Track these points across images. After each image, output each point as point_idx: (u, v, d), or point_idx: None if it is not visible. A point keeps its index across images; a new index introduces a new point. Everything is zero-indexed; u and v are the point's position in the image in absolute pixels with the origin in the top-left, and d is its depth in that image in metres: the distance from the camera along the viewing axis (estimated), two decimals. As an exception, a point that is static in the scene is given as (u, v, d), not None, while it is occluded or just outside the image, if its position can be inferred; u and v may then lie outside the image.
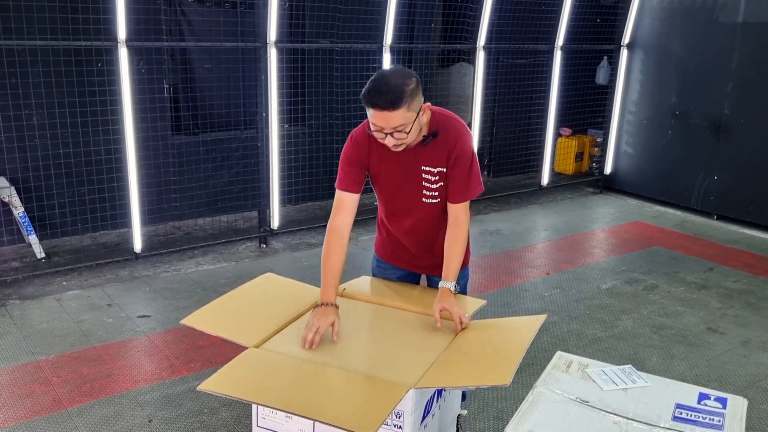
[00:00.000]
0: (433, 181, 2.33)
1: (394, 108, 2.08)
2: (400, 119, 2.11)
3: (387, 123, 2.12)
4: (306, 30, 5.85)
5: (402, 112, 2.10)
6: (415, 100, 2.13)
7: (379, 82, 2.10)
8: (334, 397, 1.79)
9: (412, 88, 2.11)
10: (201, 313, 2.24)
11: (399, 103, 2.08)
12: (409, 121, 2.14)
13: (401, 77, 2.11)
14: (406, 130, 2.14)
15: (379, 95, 2.08)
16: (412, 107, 2.12)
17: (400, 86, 2.08)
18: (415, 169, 2.33)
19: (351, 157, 2.38)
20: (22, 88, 4.63)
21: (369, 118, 2.16)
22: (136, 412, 3.05)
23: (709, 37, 6.36)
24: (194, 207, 5.64)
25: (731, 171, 6.33)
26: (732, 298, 4.58)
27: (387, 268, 2.65)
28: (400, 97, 2.07)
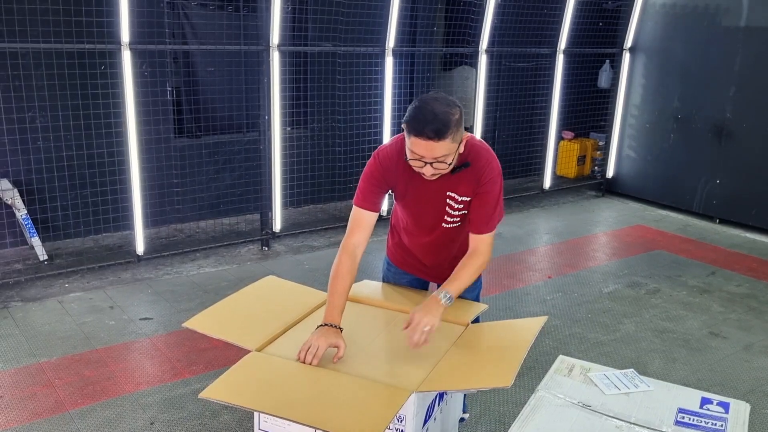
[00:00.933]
0: (456, 208, 2.29)
1: (440, 138, 2.01)
2: (444, 150, 2.04)
3: (429, 153, 2.04)
4: (308, 33, 5.86)
5: (447, 143, 2.03)
6: (459, 130, 2.08)
7: (425, 110, 2.02)
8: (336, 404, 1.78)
9: (456, 118, 2.05)
10: (203, 316, 2.24)
11: (445, 134, 2.00)
12: (452, 152, 2.08)
13: (447, 106, 2.04)
14: (447, 161, 2.08)
15: (426, 123, 1.99)
16: (456, 138, 2.06)
17: (446, 115, 2.01)
18: (440, 194, 2.28)
19: (375, 177, 2.28)
20: (26, 91, 4.64)
21: (409, 145, 2.08)
22: (137, 415, 3.05)
23: (712, 41, 6.36)
24: (196, 209, 5.65)
25: (734, 175, 6.32)
26: (734, 303, 4.58)
27: (397, 273, 2.65)
28: (447, 127, 2.00)
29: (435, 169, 2.10)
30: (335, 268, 2.23)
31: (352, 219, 2.33)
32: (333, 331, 2.06)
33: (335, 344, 2.03)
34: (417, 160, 2.09)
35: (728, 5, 6.20)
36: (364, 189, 2.30)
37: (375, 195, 2.30)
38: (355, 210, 2.32)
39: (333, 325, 2.09)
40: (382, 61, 5.74)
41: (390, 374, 1.92)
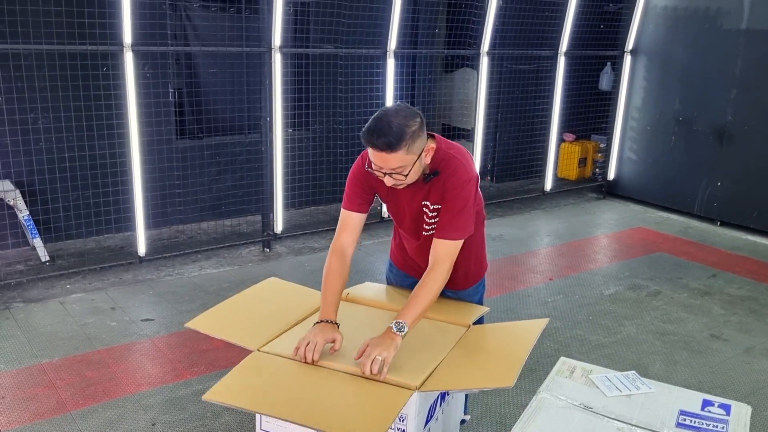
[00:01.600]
0: (431, 216, 2.27)
1: (392, 150, 2.01)
2: (398, 162, 2.04)
3: (385, 164, 2.06)
4: (310, 35, 5.87)
5: (400, 154, 2.02)
6: (416, 142, 2.05)
7: (381, 121, 2.02)
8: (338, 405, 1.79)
9: (414, 129, 2.03)
10: (205, 316, 2.25)
11: (398, 146, 2.00)
12: (408, 164, 2.06)
13: (404, 117, 2.03)
14: (404, 172, 2.08)
15: (378, 136, 2.00)
16: (412, 150, 2.05)
17: (401, 127, 2.01)
18: (416, 203, 2.28)
19: (359, 179, 2.31)
20: (28, 92, 4.65)
21: (370, 155, 2.10)
22: (139, 416, 3.05)
23: (713, 43, 6.37)
24: (198, 211, 5.66)
25: (735, 177, 6.32)
26: (735, 305, 4.58)
27: (399, 275, 2.65)
28: (400, 140, 2.00)
29: (394, 179, 2.11)
30: (326, 269, 2.26)
31: (340, 221, 2.36)
32: (329, 327, 2.08)
33: (332, 338, 2.04)
34: (377, 170, 2.12)
35: (729, 8, 6.21)
36: (349, 191, 2.33)
37: (359, 196, 2.31)
38: (342, 212, 2.36)
39: (329, 321, 2.11)
40: (383, 63, 5.75)
41: (391, 371, 1.92)
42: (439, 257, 2.19)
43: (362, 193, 2.31)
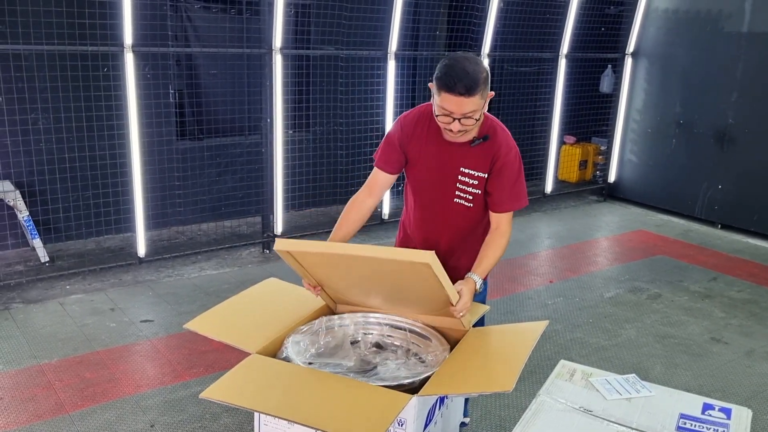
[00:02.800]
0: (470, 184, 2.29)
1: (471, 94, 2.06)
2: (473, 106, 2.09)
3: (459, 108, 2.09)
4: (311, 36, 5.87)
5: (476, 99, 2.08)
6: (486, 88, 2.12)
7: (455, 67, 2.07)
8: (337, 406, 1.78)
9: (484, 76, 2.10)
10: (204, 317, 2.24)
11: (475, 90, 2.06)
12: (479, 109, 2.13)
13: (476, 64, 2.10)
14: (475, 116, 2.13)
15: (457, 80, 2.05)
16: (484, 96, 2.12)
17: (476, 72, 2.07)
18: (452, 168, 2.30)
19: (392, 138, 2.37)
20: (29, 93, 4.65)
21: (438, 101, 2.12)
22: (138, 417, 3.04)
23: (714, 46, 6.37)
24: (198, 212, 5.66)
25: (735, 180, 6.32)
26: (736, 308, 4.57)
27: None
28: (477, 84, 2.06)
29: (463, 125, 2.13)
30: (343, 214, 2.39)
31: (369, 177, 2.42)
32: None
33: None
34: (446, 116, 2.13)
35: (730, 11, 6.20)
36: (381, 148, 2.39)
37: (389, 155, 2.36)
38: (373, 170, 2.41)
39: None
40: (384, 64, 5.75)
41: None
42: (501, 225, 2.30)
43: (392, 152, 2.35)
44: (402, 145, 2.34)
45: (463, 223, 2.38)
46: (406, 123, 2.34)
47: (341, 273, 2.18)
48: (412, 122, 2.33)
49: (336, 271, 2.18)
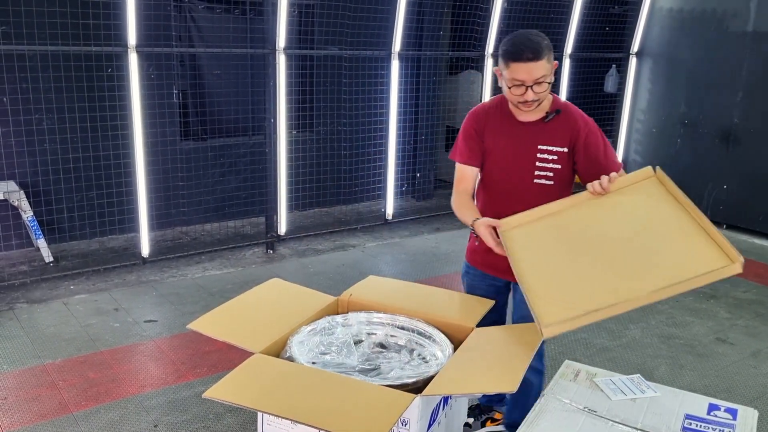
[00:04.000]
0: (549, 161, 2.34)
1: (537, 58, 2.16)
2: (542, 70, 2.18)
3: (529, 75, 2.18)
4: (315, 37, 5.87)
5: (543, 63, 2.17)
6: (551, 54, 2.22)
7: (519, 38, 2.20)
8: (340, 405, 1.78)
9: (546, 43, 2.20)
10: (207, 317, 2.23)
11: (541, 53, 2.16)
12: (549, 73, 2.21)
13: (536, 34, 2.21)
14: (547, 80, 2.21)
15: (523, 47, 2.16)
16: (550, 59, 2.21)
17: (539, 39, 2.19)
18: (529, 147, 2.35)
19: (468, 130, 2.44)
20: (33, 93, 4.66)
21: (508, 75, 2.23)
22: (141, 417, 3.04)
23: (719, 45, 6.34)
24: (202, 212, 5.66)
25: (741, 181, 6.29)
26: (741, 309, 4.55)
27: (476, 276, 2.62)
28: (541, 49, 2.17)
29: (536, 93, 2.21)
30: (458, 202, 2.43)
31: (457, 174, 2.48)
32: (483, 220, 2.25)
33: (491, 224, 2.22)
34: (518, 86, 2.22)
35: (735, 10, 6.18)
36: (460, 144, 2.46)
37: (471, 148, 2.43)
38: (457, 166, 2.48)
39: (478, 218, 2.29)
40: (388, 64, 5.75)
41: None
42: None
43: (474, 145, 2.42)
44: (477, 131, 2.42)
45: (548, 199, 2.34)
46: (479, 113, 2.45)
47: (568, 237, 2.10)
48: (483, 112, 2.44)
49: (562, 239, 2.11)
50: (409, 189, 6.90)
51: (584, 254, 2.01)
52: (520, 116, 2.38)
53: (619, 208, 2.12)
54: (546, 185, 2.36)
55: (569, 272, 1.98)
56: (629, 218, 2.09)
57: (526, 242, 2.14)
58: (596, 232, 2.07)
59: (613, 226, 2.08)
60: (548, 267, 2.03)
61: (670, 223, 2.01)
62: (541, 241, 2.13)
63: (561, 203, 2.23)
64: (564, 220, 2.18)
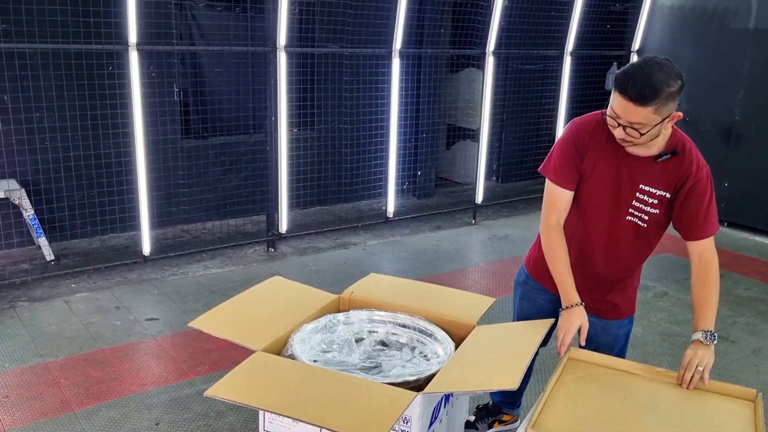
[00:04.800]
0: (648, 203, 2.08)
1: (642, 104, 1.87)
2: (641, 118, 1.90)
3: (625, 114, 1.91)
4: (315, 34, 5.87)
5: (647, 111, 1.88)
6: (669, 104, 1.91)
7: (641, 70, 1.88)
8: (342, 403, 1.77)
9: (672, 91, 1.89)
10: (209, 316, 2.23)
11: (649, 101, 1.86)
12: (650, 124, 1.92)
13: (666, 74, 1.88)
14: (642, 131, 1.92)
15: (633, 85, 1.86)
16: (661, 111, 1.90)
17: (660, 84, 1.86)
18: (632, 184, 2.08)
19: (568, 145, 2.12)
20: (33, 91, 4.66)
21: (611, 101, 1.95)
22: (143, 415, 3.05)
23: (720, 43, 6.33)
24: (203, 210, 5.66)
25: (742, 178, 6.28)
26: (743, 306, 4.54)
27: (535, 289, 2.43)
28: (654, 96, 1.86)
29: (627, 134, 1.94)
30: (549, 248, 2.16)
31: (548, 197, 2.19)
32: (578, 311, 2.08)
33: (579, 325, 2.07)
34: (611, 118, 1.96)
35: (737, 7, 6.17)
36: (557, 160, 2.15)
37: (568, 166, 2.12)
38: (550, 187, 2.17)
39: (576, 304, 2.10)
40: (388, 62, 5.74)
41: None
42: (704, 254, 2.12)
43: (571, 162, 2.12)
44: (578, 149, 2.11)
45: (631, 243, 2.16)
46: (582, 126, 2.13)
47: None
48: (589, 128, 2.12)
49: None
50: (410, 187, 6.89)
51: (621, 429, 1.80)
52: (630, 148, 2.06)
53: (690, 408, 1.91)
54: (638, 224, 2.12)
55: None
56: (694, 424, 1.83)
57: (579, 382, 1.98)
58: (652, 418, 1.84)
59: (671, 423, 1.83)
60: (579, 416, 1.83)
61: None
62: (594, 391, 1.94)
63: (645, 369, 2.06)
64: (631, 387, 1.97)
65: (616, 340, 2.20)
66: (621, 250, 2.18)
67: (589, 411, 1.82)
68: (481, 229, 6.02)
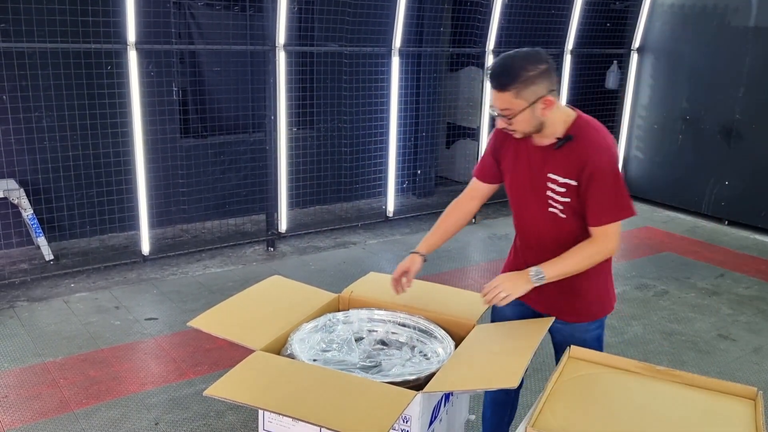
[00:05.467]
0: (559, 193, 2.08)
1: (501, 89, 1.98)
2: (504, 103, 1.99)
3: (495, 102, 2.03)
4: (315, 33, 5.86)
5: (508, 96, 1.97)
6: (529, 87, 1.96)
7: (502, 60, 2.01)
8: (341, 402, 1.77)
9: (531, 74, 1.95)
10: (208, 315, 2.23)
11: (506, 86, 1.96)
12: (516, 108, 1.98)
13: (527, 60, 1.98)
14: (509, 116, 2.01)
15: (493, 72, 2.00)
16: (522, 95, 1.97)
17: (517, 69, 1.96)
18: (542, 174, 2.12)
19: (489, 144, 2.30)
20: (32, 91, 4.65)
21: None
22: (142, 415, 3.04)
23: (721, 41, 6.32)
24: (202, 210, 5.65)
25: (742, 176, 6.28)
26: (743, 305, 4.54)
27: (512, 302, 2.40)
28: (510, 81, 1.96)
29: (505, 123, 2.06)
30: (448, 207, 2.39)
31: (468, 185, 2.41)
32: (414, 257, 2.27)
33: (406, 267, 2.23)
34: (491, 108, 2.08)
35: (737, 5, 6.16)
36: (481, 157, 2.35)
37: (486, 163, 2.30)
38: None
39: (416, 252, 2.28)
40: (388, 61, 5.73)
41: None
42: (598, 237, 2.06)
43: (490, 159, 2.28)
44: (495, 152, 2.25)
45: (556, 234, 2.16)
46: (499, 129, 2.21)
47: None
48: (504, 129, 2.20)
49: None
50: (409, 186, 6.89)
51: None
52: (535, 139, 2.13)
53: (690, 407, 1.86)
54: (559, 216, 2.12)
55: None
56: (694, 423, 1.80)
57: (580, 381, 1.95)
58: (652, 416, 1.80)
59: (671, 421, 1.80)
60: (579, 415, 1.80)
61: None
62: (594, 390, 1.92)
63: (646, 368, 2.00)
64: (632, 385, 1.94)
65: (584, 345, 2.17)
66: (548, 242, 2.18)
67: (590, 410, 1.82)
68: (481, 228, 6.01)
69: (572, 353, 2.08)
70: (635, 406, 1.85)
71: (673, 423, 1.78)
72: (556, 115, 2.06)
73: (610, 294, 2.30)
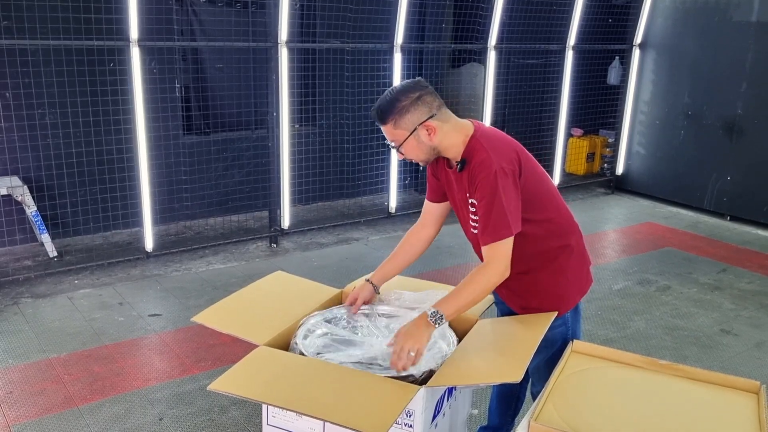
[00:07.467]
0: (473, 212, 2.09)
1: (381, 122, 2.05)
2: (389, 135, 2.07)
3: (386, 135, 2.10)
4: (317, 30, 5.86)
5: (389, 128, 2.04)
6: (405, 117, 2.00)
7: (384, 94, 2.06)
8: (345, 397, 1.78)
9: (404, 104, 1.99)
10: (212, 310, 2.24)
11: (384, 118, 2.03)
12: (400, 138, 2.04)
13: (400, 92, 2.02)
14: (396, 146, 2.08)
15: (374, 109, 2.07)
16: (400, 125, 2.01)
17: (392, 102, 2.01)
18: (461, 195, 2.14)
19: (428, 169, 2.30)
20: (35, 88, 4.66)
21: None
22: (146, 410, 3.05)
23: (723, 36, 6.31)
24: (205, 206, 5.66)
25: (745, 172, 6.27)
26: (745, 300, 4.54)
27: (496, 301, 2.44)
28: (385, 113, 2.02)
29: (399, 154, 2.12)
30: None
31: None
32: (364, 285, 2.31)
33: (356, 295, 2.27)
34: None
35: (739, 0, 6.15)
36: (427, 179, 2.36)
37: (431, 184, 2.33)
38: None
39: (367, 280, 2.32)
40: (390, 57, 5.73)
41: None
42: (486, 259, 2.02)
43: (432, 181, 2.32)
44: (434, 172, 2.27)
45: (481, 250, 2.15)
46: None
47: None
48: None
49: None
50: (411, 182, 6.89)
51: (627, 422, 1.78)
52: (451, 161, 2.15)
53: (693, 401, 1.88)
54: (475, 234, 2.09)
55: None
56: (697, 416, 1.81)
57: (582, 375, 1.98)
58: (655, 410, 1.82)
59: (674, 415, 1.81)
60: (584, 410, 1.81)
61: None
62: (597, 384, 1.94)
63: (649, 362, 2.02)
64: (635, 379, 1.96)
65: (550, 342, 2.18)
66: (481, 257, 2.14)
67: (593, 404, 1.83)
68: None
69: (575, 348, 2.09)
70: (638, 400, 1.86)
71: (677, 416, 1.79)
72: (449, 138, 2.06)
73: (569, 293, 2.23)
